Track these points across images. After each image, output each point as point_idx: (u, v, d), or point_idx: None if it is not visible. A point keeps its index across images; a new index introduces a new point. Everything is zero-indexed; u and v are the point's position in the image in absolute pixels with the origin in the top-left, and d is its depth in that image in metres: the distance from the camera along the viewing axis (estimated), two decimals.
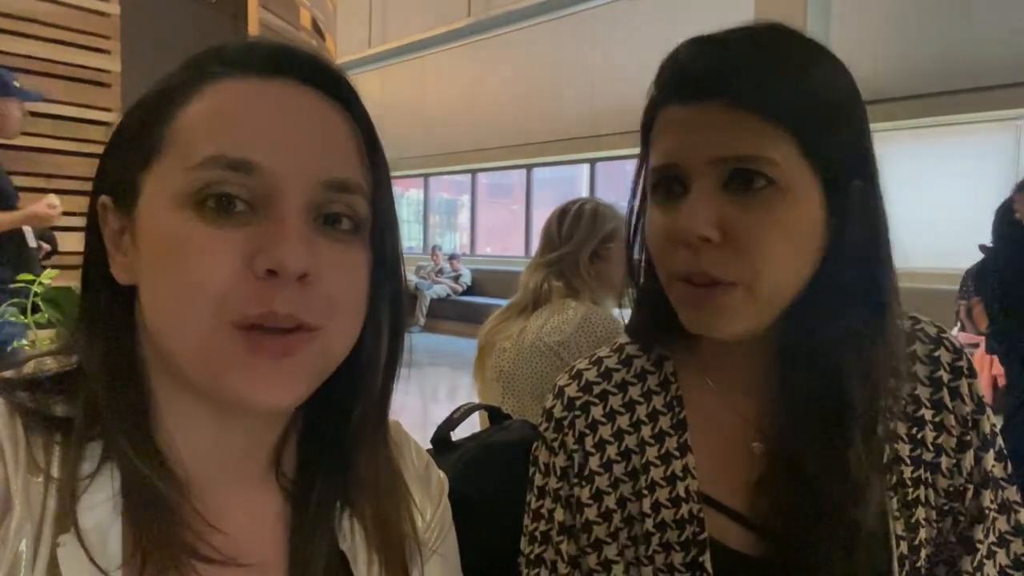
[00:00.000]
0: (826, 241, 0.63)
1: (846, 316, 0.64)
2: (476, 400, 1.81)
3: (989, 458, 0.69)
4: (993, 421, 0.70)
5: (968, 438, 0.69)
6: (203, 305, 0.45)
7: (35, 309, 1.56)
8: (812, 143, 0.60)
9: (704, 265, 0.61)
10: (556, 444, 0.74)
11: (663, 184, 0.65)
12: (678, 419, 0.71)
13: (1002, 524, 0.69)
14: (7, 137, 2.82)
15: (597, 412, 0.73)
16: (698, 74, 0.62)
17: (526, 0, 8.99)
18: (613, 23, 8.28)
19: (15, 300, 1.56)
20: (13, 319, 1.58)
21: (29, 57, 3.29)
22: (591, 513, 0.71)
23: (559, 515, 0.73)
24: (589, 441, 0.73)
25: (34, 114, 3.19)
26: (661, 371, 0.74)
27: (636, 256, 0.74)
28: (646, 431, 0.71)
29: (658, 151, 0.65)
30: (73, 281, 0.55)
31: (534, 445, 0.77)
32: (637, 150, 0.71)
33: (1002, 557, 0.68)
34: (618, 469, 0.71)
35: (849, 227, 0.63)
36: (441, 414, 1.04)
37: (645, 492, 0.69)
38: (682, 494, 0.68)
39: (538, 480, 0.76)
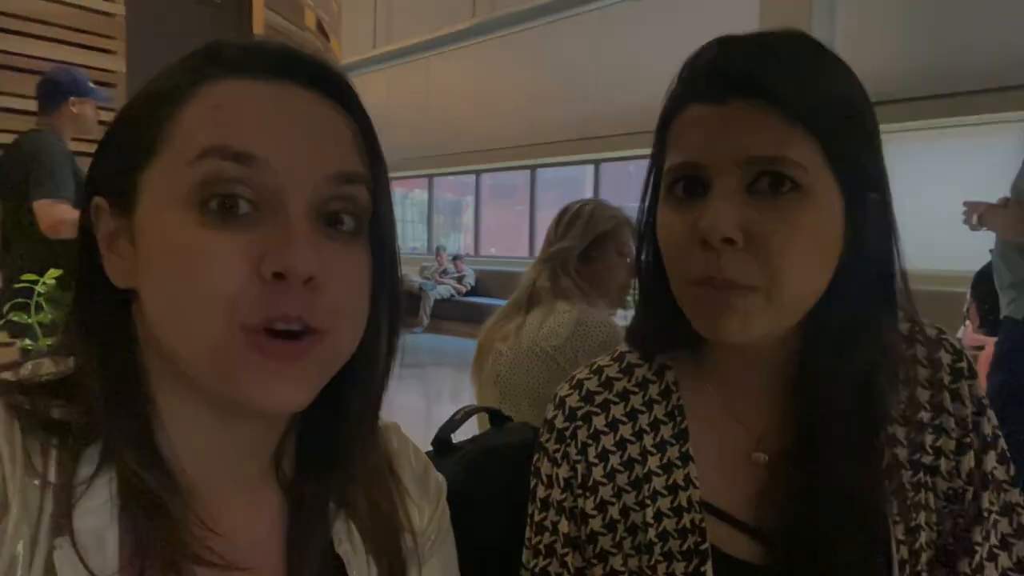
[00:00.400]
0: (842, 252, 0.62)
1: (860, 325, 0.64)
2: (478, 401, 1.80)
3: (990, 460, 0.68)
4: (995, 423, 0.69)
5: (967, 440, 0.68)
6: (213, 310, 0.45)
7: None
8: (837, 150, 0.60)
9: (724, 267, 0.59)
10: (559, 455, 0.74)
11: (682, 183, 0.63)
12: (679, 428, 0.70)
13: (1004, 527, 0.68)
14: (84, 135, 2.87)
15: (599, 422, 0.73)
16: (726, 73, 0.61)
17: (530, 1, 8.99)
18: (617, 24, 8.27)
19: (17, 300, 1.56)
20: (16, 319, 1.58)
21: (34, 57, 3.30)
22: (596, 524, 0.71)
23: (564, 527, 0.73)
24: (592, 451, 0.72)
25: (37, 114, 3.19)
26: (662, 380, 0.73)
27: (644, 259, 0.72)
28: (648, 440, 0.71)
29: (679, 149, 0.63)
30: None
31: (535, 456, 0.77)
32: (642, 151, 0.70)
33: (1004, 560, 0.67)
34: (621, 479, 0.71)
35: (866, 239, 0.62)
36: (444, 415, 1.04)
37: (648, 501, 0.69)
38: (684, 504, 0.68)
39: (540, 492, 0.75)
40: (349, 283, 0.50)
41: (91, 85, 2.86)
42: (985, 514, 0.67)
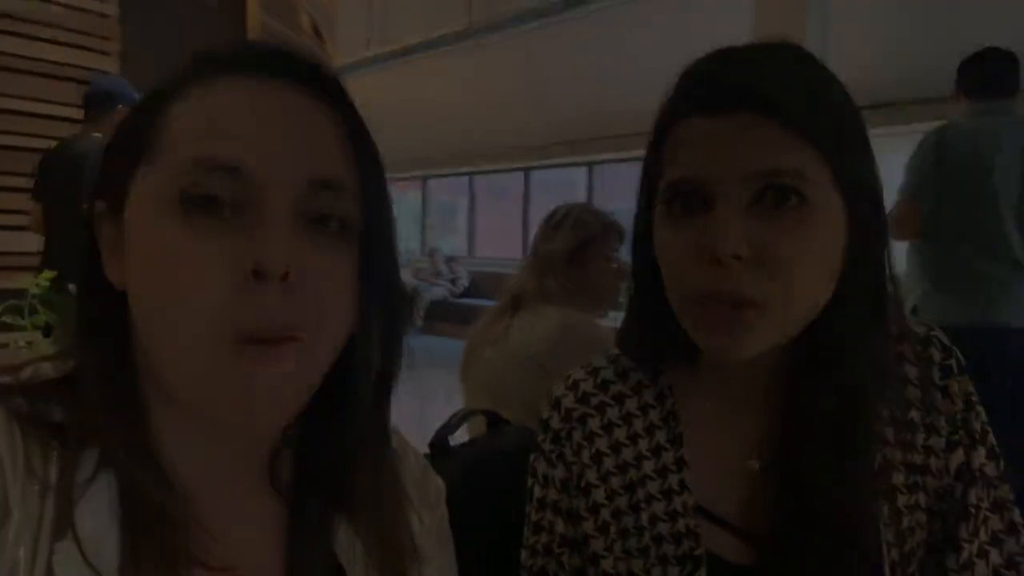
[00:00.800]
0: (843, 261, 0.62)
1: (854, 332, 0.64)
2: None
3: (979, 456, 0.68)
4: (984, 419, 0.69)
5: (957, 437, 0.68)
6: (191, 320, 0.45)
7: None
8: (840, 161, 0.59)
9: (735, 283, 0.58)
10: (554, 456, 0.74)
11: (682, 198, 0.62)
12: (674, 433, 0.70)
13: (995, 523, 0.68)
14: None
15: (594, 424, 0.73)
16: (728, 85, 0.60)
17: (525, 3, 8.98)
18: (611, 28, 8.27)
19: (11, 302, 1.55)
20: (10, 321, 1.57)
21: (27, 58, 3.29)
22: (588, 526, 0.71)
23: (560, 527, 0.73)
24: (586, 453, 0.72)
25: (32, 115, 3.19)
26: (657, 384, 0.73)
27: (638, 270, 0.72)
28: (643, 444, 0.71)
29: (678, 164, 0.62)
30: None
31: (532, 456, 0.77)
32: (636, 152, 0.70)
33: (995, 556, 0.67)
34: (615, 482, 0.71)
35: (866, 248, 0.62)
36: (438, 415, 1.04)
37: (642, 505, 0.69)
38: (678, 508, 0.68)
39: (537, 492, 0.75)
40: (331, 283, 0.49)
41: (137, 95, 2.89)
42: (972, 510, 0.67)
